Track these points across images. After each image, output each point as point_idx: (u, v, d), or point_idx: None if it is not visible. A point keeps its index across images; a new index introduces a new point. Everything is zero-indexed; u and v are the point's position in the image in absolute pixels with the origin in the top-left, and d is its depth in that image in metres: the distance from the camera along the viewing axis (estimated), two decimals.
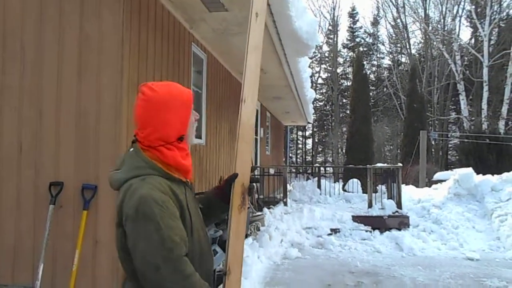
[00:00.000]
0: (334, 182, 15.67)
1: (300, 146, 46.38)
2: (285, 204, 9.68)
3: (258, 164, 11.41)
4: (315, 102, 43.51)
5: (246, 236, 6.71)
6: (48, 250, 3.48)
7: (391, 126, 28.78)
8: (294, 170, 21.42)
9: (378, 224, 8.53)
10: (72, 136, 3.57)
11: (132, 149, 1.57)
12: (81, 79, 3.57)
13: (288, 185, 10.72)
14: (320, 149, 44.48)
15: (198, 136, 5.92)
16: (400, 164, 9.89)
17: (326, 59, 41.15)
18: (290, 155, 42.73)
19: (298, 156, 45.98)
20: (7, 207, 3.67)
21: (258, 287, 5.19)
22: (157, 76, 4.27)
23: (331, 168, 16.73)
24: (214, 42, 5.94)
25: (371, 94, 41.24)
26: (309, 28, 5.59)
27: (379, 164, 10.58)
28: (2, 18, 3.74)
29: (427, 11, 29.04)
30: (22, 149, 3.67)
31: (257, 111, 11.07)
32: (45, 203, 3.52)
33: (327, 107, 42.11)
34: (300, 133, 45.42)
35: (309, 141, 45.29)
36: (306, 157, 44.91)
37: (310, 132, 44.58)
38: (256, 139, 11.10)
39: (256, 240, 6.71)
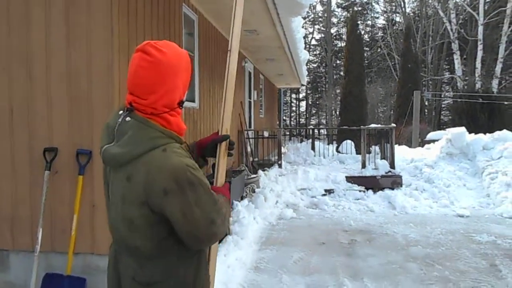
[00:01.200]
0: (328, 144, 15.78)
1: (294, 108, 46.30)
2: (280, 166, 9.77)
3: (252, 127, 11.40)
4: (308, 64, 43.06)
5: (242, 198, 6.82)
6: (46, 215, 3.51)
7: (384, 87, 28.70)
8: (288, 133, 21.47)
9: (371, 184, 8.67)
10: (64, 100, 3.52)
11: (129, 118, 1.43)
12: (70, 41, 3.48)
13: (282, 147, 10.77)
14: (313, 112, 44.46)
15: (191, 100, 5.87)
16: (393, 125, 9.94)
17: (320, 19, 40.39)
18: (284, 117, 42.71)
19: (292, 119, 45.99)
20: (3, 173, 3.67)
21: (254, 246, 5.31)
22: (147, 38, 4.17)
23: (325, 130, 16.69)
24: (205, 1, 5.78)
25: (365, 55, 40.99)
26: None
27: (372, 125, 10.62)
28: None
29: None
30: (13, 112, 3.62)
31: (250, 73, 10.95)
32: (41, 169, 3.52)
33: (321, 68, 41.72)
34: (293, 95, 45.20)
35: (303, 103, 45.20)
36: (300, 119, 44.94)
37: (304, 94, 44.41)
38: (249, 102, 11.04)
39: (252, 201, 6.81)
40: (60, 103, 3.52)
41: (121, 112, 1.48)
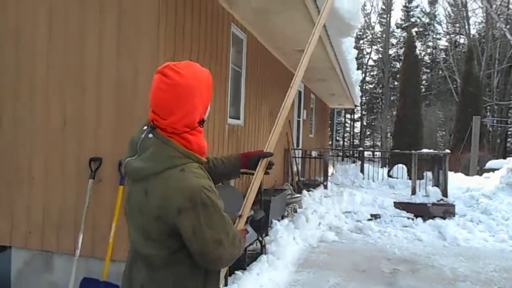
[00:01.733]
0: (382, 167, 15.30)
1: (348, 129, 45.54)
2: (325, 187, 9.60)
3: (300, 146, 11.33)
4: (365, 85, 42.44)
5: (282, 217, 6.76)
6: (88, 221, 3.68)
7: (444, 111, 27.47)
8: (339, 154, 21.12)
9: (421, 211, 8.27)
10: (111, 114, 3.71)
11: (151, 135, 1.50)
12: (120, 57, 3.68)
13: (331, 168, 10.62)
14: (368, 133, 43.46)
15: (236, 117, 5.96)
16: (447, 151, 9.47)
17: (378, 40, 39.78)
18: (338, 138, 42.12)
19: (346, 140, 45.22)
20: (54, 180, 3.91)
21: (290, 267, 5.22)
22: (193, 55, 4.32)
23: (375, 153, 16.20)
24: (254, 22, 5.90)
25: (424, 77, 39.63)
26: (351, 7, 5.40)
27: (425, 150, 10.17)
28: None
29: None
30: (66, 124, 3.87)
31: (300, 92, 10.96)
32: (86, 177, 3.71)
33: (377, 89, 40.85)
34: (348, 116, 44.53)
35: (358, 124, 44.36)
36: (354, 140, 44.07)
37: (359, 115, 43.61)
38: (298, 121, 11.02)
39: (293, 222, 6.72)
40: (107, 117, 3.72)
41: (145, 128, 1.55)
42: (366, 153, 24.49)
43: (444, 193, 8.55)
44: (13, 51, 4.01)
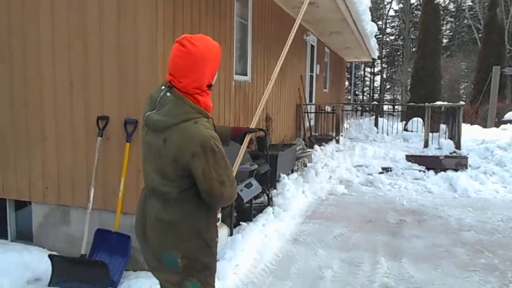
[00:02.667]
0: (401, 121, 15.12)
1: (367, 83, 44.64)
2: (337, 141, 9.63)
3: (313, 101, 11.29)
4: (385, 36, 41.06)
5: (292, 171, 6.89)
6: (99, 177, 3.88)
7: (467, 62, 26.51)
8: (358, 108, 20.79)
9: (433, 164, 8.27)
10: (114, 74, 3.80)
11: (169, 93, 1.81)
12: (120, 18, 3.72)
13: (345, 123, 10.58)
14: (388, 87, 42.53)
15: (243, 73, 5.98)
16: (461, 103, 9.28)
17: None
18: (357, 92, 41.44)
19: (365, 94, 44.43)
20: (65, 139, 4.08)
21: (298, 219, 5.40)
22: (195, 13, 4.32)
23: (399, 107, 15.90)
24: None
25: (448, 26, 37.99)
26: None
27: (438, 102, 10.00)
28: None
29: None
30: (73, 85, 3.99)
31: (313, 46, 10.77)
32: (95, 135, 3.87)
33: (398, 41, 39.53)
34: (368, 69, 43.51)
35: (378, 78, 43.37)
36: (374, 94, 43.27)
37: (379, 68, 42.53)
38: (311, 76, 10.91)
39: (302, 176, 6.86)
40: (111, 77, 3.81)
41: (163, 87, 1.86)
42: (385, 107, 24.20)
43: (457, 146, 8.50)
44: (19, 11, 4.08)
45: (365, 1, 8.83)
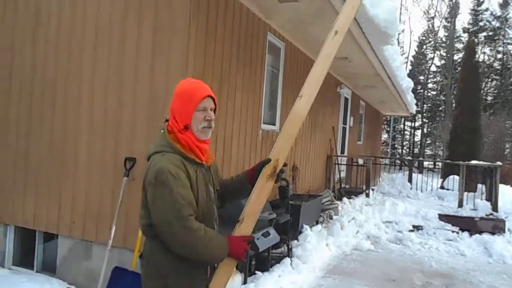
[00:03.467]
0: (441, 177, 14.68)
1: (407, 137, 43.88)
2: (367, 195, 9.46)
3: (346, 153, 11.25)
4: (427, 91, 40.73)
5: (317, 222, 6.80)
6: (121, 215, 4.03)
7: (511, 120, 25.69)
8: (395, 162, 20.45)
9: (467, 225, 7.91)
10: (144, 117, 4.04)
11: (162, 130, 1.93)
12: (154, 67, 4.00)
13: (380, 176, 10.44)
14: (429, 142, 41.57)
15: (272, 122, 6.13)
16: (499, 163, 8.96)
17: (442, 45, 38.03)
18: (396, 145, 40.74)
19: (405, 148, 43.59)
20: (94, 175, 4.31)
21: (318, 273, 5.27)
22: (225, 63, 4.56)
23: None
24: (291, 31, 6.05)
25: (493, 83, 37.25)
26: (388, 16, 5.38)
27: (474, 161, 9.69)
28: (95, 13, 4.34)
29: None
30: (106, 125, 4.26)
31: (346, 99, 10.89)
32: (121, 175, 4.07)
33: (440, 97, 39.04)
34: (408, 123, 42.92)
35: (418, 132, 42.59)
36: (414, 149, 42.37)
37: (420, 123, 41.87)
38: (344, 128, 10.95)
39: (327, 228, 6.75)
40: (141, 119, 4.06)
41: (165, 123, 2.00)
42: (425, 163, 23.62)
43: (495, 208, 8.13)
44: (66, 57, 4.48)
45: (399, 58, 8.94)
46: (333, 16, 5.01)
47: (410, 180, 11.31)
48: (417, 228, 7.95)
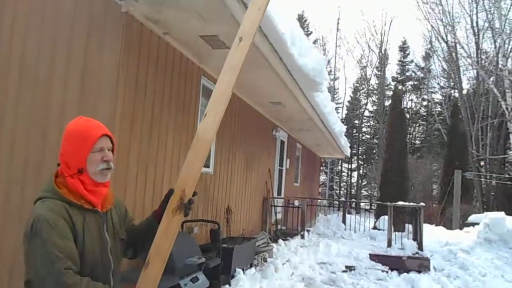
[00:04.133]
0: (375, 218, 15.28)
1: (345, 178, 45.51)
2: (302, 237, 9.59)
3: (282, 195, 11.43)
4: (361, 135, 43.00)
5: (251, 265, 6.75)
6: None
7: (438, 163, 27.63)
8: (333, 204, 20.96)
9: (396, 264, 8.22)
10: None
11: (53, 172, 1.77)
12: (82, 108, 3.92)
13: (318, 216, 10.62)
14: (365, 183, 43.42)
15: (206, 165, 6.14)
16: (422, 204, 9.54)
17: (374, 92, 40.73)
18: (334, 187, 42.06)
19: (342, 189, 45.07)
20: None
21: None
22: (157, 106, 4.57)
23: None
24: None
25: (420, 128, 40.19)
26: (316, 65, 5.74)
27: (400, 202, 10.25)
28: (21, 49, 4.23)
29: (480, 45, 27.89)
30: (28, 165, 4.05)
31: (282, 142, 11.20)
32: None
33: (374, 140, 41.29)
34: (345, 165, 44.66)
35: (355, 173, 44.41)
36: (351, 190, 43.95)
37: (356, 164, 43.77)
38: (280, 170, 11.18)
39: (261, 271, 6.71)
40: None
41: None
42: (362, 204, 24.56)
43: (420, 246, 8.55)
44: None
45: (330, 104, 9.45)
46: (263, 63, 5.29)
47: (344, 221, 11.65)
48: (349, 268, 8.12)
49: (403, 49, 41.80)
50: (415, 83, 41.08)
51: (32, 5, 4.25)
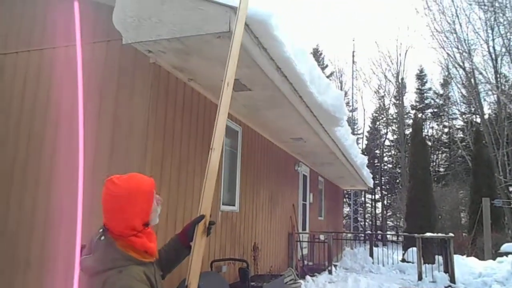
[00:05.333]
0: (403, 250, 14.86)
1: (369, 209, 44.63)
2: (330, 272, 9.44)
3: (307, 230, 11.34)
4: (383, 164, 42.43)
5: None
6: None
7: (464, 191, 26.88)
8: (359, 237, 20.57)
9: None
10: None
11: (103, 237, 1.73)
12: (112, 160, 4.12)
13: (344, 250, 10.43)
14: (389, 214, 42.44)
15: (231, 203, 6.24)
16: (451, 234, 9.32)
17: (394, 121, 40.50)
18: (359, 219, 41.24)
19: (367, 220, 44.13)
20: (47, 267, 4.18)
21: None
22: (183, 149, 4.75)
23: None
24: (248, 115, 6.42)
25: (443, 155, 39.46)
26: (335, 101, 5.88)
27: (428, 234, 10.02)
28: (58, 107, 4.51)
29: (499, 70, 27.70)
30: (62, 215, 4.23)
31: (305, 176, 11.24)
32: None
33: (396, 169, 40.68)
34: (369, 196, 43.92)
35: (379, 204, 43.54)
36: (376, 221, 42.99)
37: (379, 195, 42.98)
38: (304, 205, 11.16)
39: None
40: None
41: (100, 230, 1.78)
42: (388, 236, 23.92)
43: (452, 279, 8.31)
44: (25, 143, 4.53)
45: (351, 137, 9.52)
46: (284, 102, 5.46)
47: (371, 254, 11.42)
48: None
49: (420, 77, 41.79)
50: (435, 110, 40.77)
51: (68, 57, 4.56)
